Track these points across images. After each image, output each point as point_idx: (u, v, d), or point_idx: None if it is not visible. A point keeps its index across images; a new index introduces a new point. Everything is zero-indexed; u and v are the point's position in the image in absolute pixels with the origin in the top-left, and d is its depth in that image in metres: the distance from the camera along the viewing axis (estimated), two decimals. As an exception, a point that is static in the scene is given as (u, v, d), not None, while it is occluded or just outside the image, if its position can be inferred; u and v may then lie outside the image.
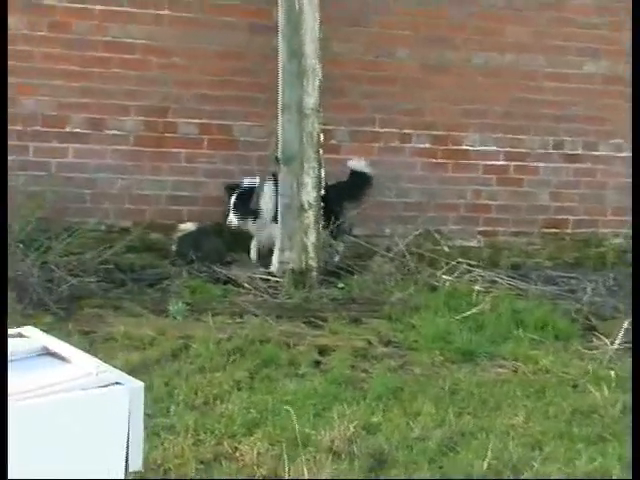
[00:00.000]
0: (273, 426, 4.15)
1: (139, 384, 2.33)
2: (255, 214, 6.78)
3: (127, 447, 2.29)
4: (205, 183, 7.07)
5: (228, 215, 6.74)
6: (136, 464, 2.32)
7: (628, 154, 7.10)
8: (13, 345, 2.49)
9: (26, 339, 2.54)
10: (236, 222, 6.72)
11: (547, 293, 6.66)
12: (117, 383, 2.31)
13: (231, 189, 6.79)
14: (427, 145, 7.56)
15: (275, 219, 6.74)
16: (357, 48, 7.31)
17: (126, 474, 2.31)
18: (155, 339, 5.19)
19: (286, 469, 3.75)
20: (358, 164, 7.09)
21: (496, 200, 7.75)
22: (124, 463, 2.29)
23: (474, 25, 7.58)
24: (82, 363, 2.38)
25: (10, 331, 2.60)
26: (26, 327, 2.62)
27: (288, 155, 6.57)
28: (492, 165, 7.71)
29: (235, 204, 6.73)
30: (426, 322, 5.78)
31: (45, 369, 2.37)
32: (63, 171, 6.79)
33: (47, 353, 2.46)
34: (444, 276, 6.62)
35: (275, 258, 6.64)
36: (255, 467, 3.80)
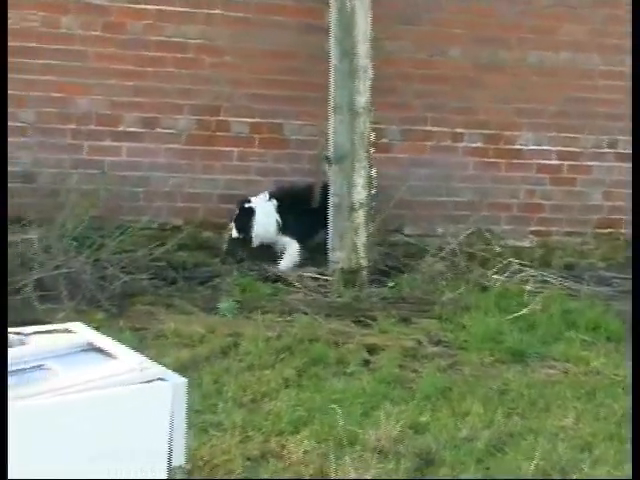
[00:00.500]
0: (320, 424, 4.15)
1: (182, 380, 2.35)
2: (249, 234, 6.77)
3: (170, 442, 2.31)
4: (257, 181, 7.08)
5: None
6: (179, 459, 2.34)
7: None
8: (60, 340, 2.53)
9: (72, 334, 2.58)
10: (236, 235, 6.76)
11: (600, 294, 6.59)
12: (160, 379, 2.34)
13: (240, 204, 6.82)
14: (479, 144, 7.51)
15: (282, 231, 6.76)
16: (409, 47, 7.28)
17: (169, 468, 2.33)
18: (205, 336, 5.23)
19: (332, 468, 3.75)
20: None
21: (549, 200, 7.67)
22: (167, 458, 2.32)
23: (528, 23, 7.50)
24: (126, 359, 2.41)
25: (57, 326, 2.64)
26: (73, 323, 2.66)
27: (339, 154, 6.57)
28: (545, 164, 7.63)
29: (235, 223, 6.76)
30: (476, 322, 5.75)
31: (90, 364, 2.40)
32: (116, 169, 6.85)
33: (92, 349, 2.50)
34: (495, 276, 6.58)
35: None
36: (302, 465, 3.81)
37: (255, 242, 6.77)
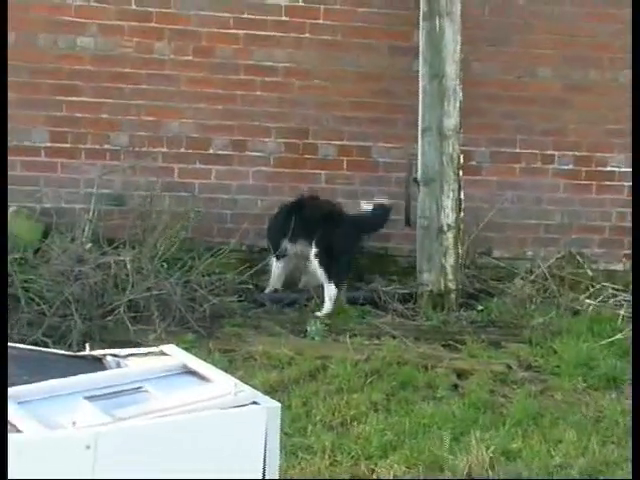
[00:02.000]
0: (410, 449, 4.12)
1: (276, 404, 2.35)
2: None
3: (264, 465, 2.31)
4: (344, 204, 7.06)
5: None
6: (273, 483, 2.34)
7: None
8: (155, 363, 2.56)
9: (167, 357, 2.60)
10: None
11: (697, 319, 6.41)
12: (254, 403, 2.34)
13: None
14: (570, 166, 7.40)
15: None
16: (498, 68, 7.23)
17: (263, 493, 2.33)
18: (293, 359, 5.23)
19: (423, 493, 3.72)
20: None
21: (642, 222, 7.52)
22: (261, 481, 2.32)
23: (620, 43, 7.37)
24: (220, 382, 2.42)
25: (152, 349, 2.67)
26: (167, 345, 2.68)
27: (428, 177, 6.55)
28: (639, 187, 7.49)
29: None
30: (568, 347, 5.65)
31: (185, 387, 2.42)
32: (206, 192, 6.94)
33: (187, 371, 2.51)
34: (587, 300, 6.48)
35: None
36: (392, 489, 3.78)
37: None
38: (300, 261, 6.59)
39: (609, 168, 7.44)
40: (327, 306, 6.22)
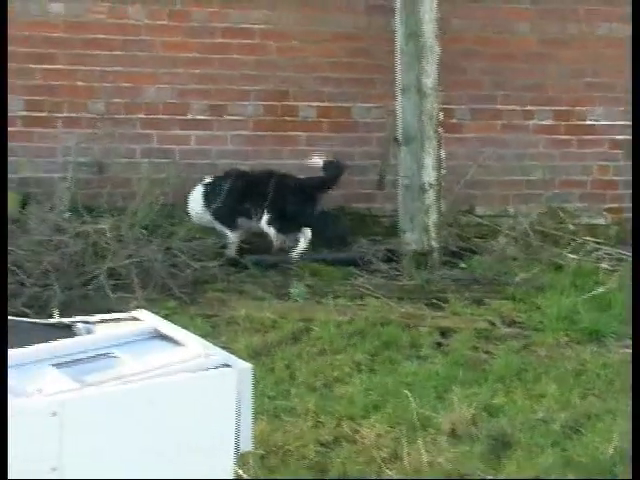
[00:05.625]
0: (393, 408, 4.12)
1: (247, 366, 2.34)
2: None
3: (237, 428, 2.30)
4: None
5: None
6: (246, 445, 2.33)
7: None
8: (126, 328, 2.54)
9: (139, 322, 2.58)
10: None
11: (679, 270, 6.42)
12: (225, 365, 2.33)
13: None
14: (550, 121, 7.37)
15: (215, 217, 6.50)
16: (476, 24, 7.18)
17: (236, 455, 2.32)
18: (276, 322, 5.21)
19: (405, 451, 3.71)
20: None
21: (623, 176, 7.50)
22: (234, 444, 2.31)
23: (598, -5, 7.36)
24: (192, 346, 2.41)
25: (123, 314, 2.65)
26: (139, 311, 2.66)
27: (408, 136, 6.51)
28: (618, 139, 7.46)
29: None
30: (551, 302, 5.65)
31: (156, 352, 2.40)
32: (186, 157, 6.89)
33: (158, 336, 2.50)
34: (569, 255, 6.48)
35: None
36: (374, 449, 3.78)
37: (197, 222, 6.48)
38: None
39: (589, 122, 7.42)
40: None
